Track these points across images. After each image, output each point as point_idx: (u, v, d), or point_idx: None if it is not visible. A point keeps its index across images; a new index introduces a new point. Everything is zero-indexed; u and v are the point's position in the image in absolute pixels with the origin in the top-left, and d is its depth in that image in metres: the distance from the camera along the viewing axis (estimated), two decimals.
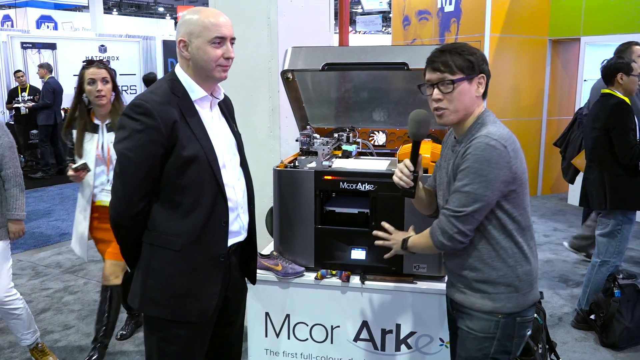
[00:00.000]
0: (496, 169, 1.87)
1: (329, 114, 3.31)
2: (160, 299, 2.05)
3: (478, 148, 1.88)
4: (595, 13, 7.05)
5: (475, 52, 1.97)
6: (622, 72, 3.63)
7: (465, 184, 1.90)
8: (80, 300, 4.54)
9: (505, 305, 2.00)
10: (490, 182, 1.88)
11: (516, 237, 1.99)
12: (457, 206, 1.92)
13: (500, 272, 2.00)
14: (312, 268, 2.76)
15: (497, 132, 1.91)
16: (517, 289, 2.00)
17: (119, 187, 1.99)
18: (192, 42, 2.00)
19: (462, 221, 1.92)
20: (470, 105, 1.98)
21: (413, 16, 8.51)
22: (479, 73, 1.96)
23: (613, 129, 3.60)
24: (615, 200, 3.70)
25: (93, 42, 12.04)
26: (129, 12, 30.75)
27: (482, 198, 1.89)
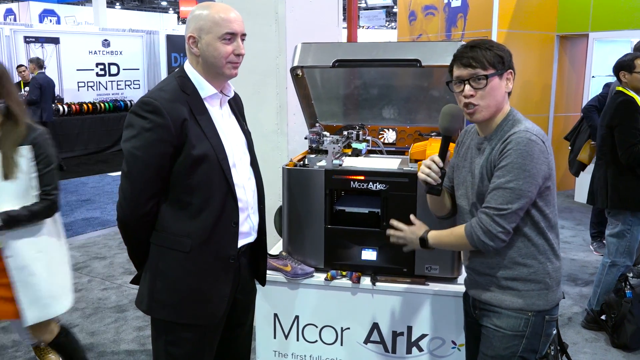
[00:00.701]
0: (538, 164, 1.85)
1: (337, 111, 3.26)
2: (169, 301, 2.01)
3: (520, 143, 1.85)
4: (603, 9, 6.97)
5: (504, 47, 1.95)
6: (625, 70, 3.60)
7: (509, 179, 1.86)
8: (85, 298, 4.50)
9: (535, 302, 1.98)
10: (534, 177, 1.85)
11: (547, 234, 1.97)
12: (501, 203, 1.87)
13: (532, 269, 1.97)
14: (322, 269, 2.71)
15: (534, 128, 1.91)
16: (547, 286, 1.98)
17: (126, 187, 1.93)
18: (202, 38, 1.94)
19: (507, 219, 1.88)
20: (501, 101, 1.95)
21: (419, 11, 8.43)
22: (508, 68, 1.94)
23: (616, 126, 3.56)
24: (616, 199, 3.65)
25: (96, 36, 11.98)
26: (132, 6, 30.67)
27: (527, 194, 1.86)
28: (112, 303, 4.40)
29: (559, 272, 2.02)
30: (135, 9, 30.71)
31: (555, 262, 2.00)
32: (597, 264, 5.19)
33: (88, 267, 5.23)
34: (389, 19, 33.65)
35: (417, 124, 3.16)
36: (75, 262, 5.35)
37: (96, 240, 6.06)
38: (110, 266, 5.23)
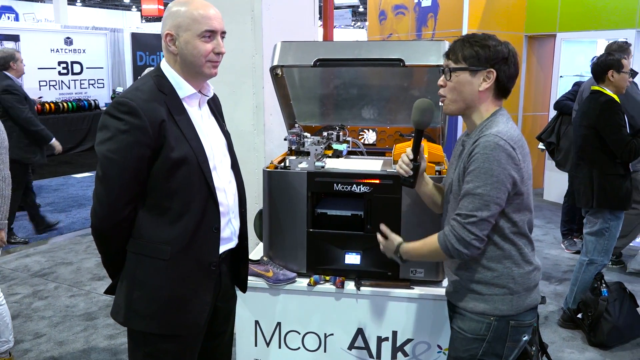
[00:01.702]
0: (506, 170, 1.81)
1: (317, 111, 3.19)
2: (148, 311, 1.90)
3: (487, 147, 1.81)
4: (570, 10, 7.07)
5: (490, 45, 1.88)
6: (613, 70, 3.60)
7: (477, 185, 1.82)
8: (51, 306, 4.32)
9: (498, 307, 1.94)
10: (502, 183, 1.82)
11: (514, 240, 1.93)
12: (471, 210, 1.84)
13: (495, 273, 1.94)
14: (304, 274, 2.64)
15: (507, 132, 1.85)
16: (511, 291, 1.94)
17: (101, 192, 1.83)
18: (180, 36, 1.85)
19: (478, 226, 1.84)
20: (470, 98, 1.91)
21: (389, 11, 8.42)
22: (486, 67, 1.88)
23: (603, 127, 3.56)
24: (602, 199, 3.67)
25: (58, 34, 11.63)
26: (93, 3, 30.00)
27: (495, 200, 1.82)
28: (81, 311, 4.24)
29: (527, 277, 1.96)
30: (96, 6, 30.07)
31: (525, 267, 1.95)
32: (569, 261, 5.26)
33: (54, 273, 5.03)
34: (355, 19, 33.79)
35: (397, 124, 3.12)
36: (40, 268, 5.15)
37: (61, 244, 5.86)
38: (78, 272, 5.05)
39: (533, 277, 1.98)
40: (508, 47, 1.91)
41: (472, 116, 1.95)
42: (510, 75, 1.92)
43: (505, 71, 1.90)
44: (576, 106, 4.97)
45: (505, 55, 1.88)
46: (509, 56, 1.89)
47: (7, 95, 5.55)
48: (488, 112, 1.94)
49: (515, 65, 1.92)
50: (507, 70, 1.90)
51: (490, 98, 1.93)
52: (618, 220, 3.70)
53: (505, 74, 1.90)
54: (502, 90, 1.94)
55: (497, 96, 1.94)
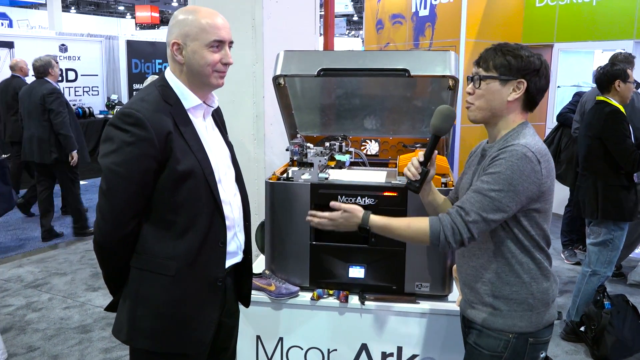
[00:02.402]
0: (526, 182, 1.76)
1: (319, 121, 3.15)
2: (152, 329, 1.84)
3: (514, 156, 1.77)
4: (568, 20, 7.07)
5: (523, 56, 1.83)
6: (620, 79, 3.58)
7: (493, 188, 1.77)
8: (45, 318, 4.24)
9: (517, 323, 1.89)
10: (517, 194, 1.77)
11: (534, 253, 1.88)
12: (478, 209, 1.78)
13: (514, 288, 1.89)
14: (307, 288, 2.59)
15: (536, 145, 1.81)
16: (530, 307, 1.89)
17: (105, 207, 1.77)
18: (187, 45, 1.80)
19: (480, 227, 1.79)
20: (499, 108, 1.88)
21: (387, 20, 8.41)
22: (517, 77, 1.84)
23: (608, 137, 3.55)
24: (607, 210, 3.64)
25: (53, 41, 11.53)
26: (88, 10, 29.95)
27: (505, 208, 1.77)
28: (76, 323, 4.16)
29: (546, 293, 1.90)
30: (91, 13, 30.01)
31: (543, 283, 1.90)
32: (569, 272, 5.22)
33: (48, 284, 4.95)
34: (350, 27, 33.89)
35: (400, 135, 3.08)
36: (34, 278, 5.06)
37: (55, 255, 5.77)
38: (72, 283, 4.97)
39: (552, 292, 1.93)
40: (540, 59, 1.87)
41: (498, 125, 1.91)
42: (540, 87, 1.88)
43: (536, 83, 1.86)
44: (577, 117, 4.95)
45: (538, 67, 1.85)
46: (541, 68, 1.86)
47: (51, 98, 5.93)
48: (515, 123, 1.90)
49: (546, 78, 1.89)
50: (538, 82, 1.86)
51: (518, 109, 1.90)
52: (622, 232, 3.67)
53: (536, 86, 1.87)
54: (530, 102, 1.90)
55: (525, 108, 1.91)
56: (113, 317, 1.96)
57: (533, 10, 7.46)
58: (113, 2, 28.51)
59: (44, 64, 6.13)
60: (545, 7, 7.31)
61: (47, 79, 6.10)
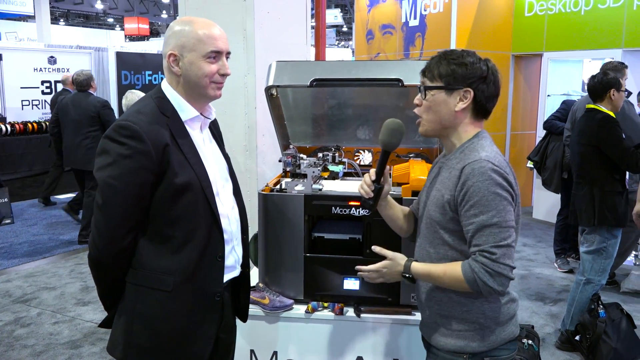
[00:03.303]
0: (506, 192, 1.72)
1: (311, 132, 3.13)
2: (149, 346, 1.80)
3: (484, 174, 1.70)
4: (557, 29, 7.13)
5: (468, 63, 1.76)
6: (614, 88, 3.61)
7: (492, 215, 1.69)
8: (34, 334, 4.16)
9: (469, 344, 1.82)
10: (509, 204, 1.72)
11: None
12: (497, 242, 1.69)
13: (465, 308, 1.82)
14: (302, 300, 2.55)
15: (496, 157, 1.75)
16: (481, 326, 1.81)
17: (101, 221, 1.73)
18: (184, 57, 1.78)
19: (509, 254, 1.71)
20: (447, 119, 1.79)
21: (377, 30, 8.44)
22: (463, 86, 1.76)
23: (604, 143, 3.56)
24: (604, 216, 3.64)
25: (42, 53, 11.48)
26: (77, 22, 29.91)
27: (510, 223, 1.71)
28: (65, 338, 4.08)
29: (499, 311, 1.81)
30: (80, 25, 29.97)
31: (495, 300, 1.81)
32: (562, 281, 5.21)
33: (37, 298, 4.87)
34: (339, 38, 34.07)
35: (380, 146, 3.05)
36: (22, 293, 4.98)
37: (44, 268, 5.69)
38: (61, 297, 4.89)
39: (506, 310, 1.83)
40: (487, 65, 1.79)
41: (451, 137, 1.84)
42: (489, 94, 1.79)
43: (484, 90, 1.77)
44: (568, 125, 4.97)
45: (484, 74, 1.76)
46: (488, 74, 1.77)
47: (107, 110, 6.39)
48: (467, 134, 1.82)
49: (495, 84, 1.80)
50: (485, 89, 1.77)
51: (469, 119, 1.81)
52: (615, 239, 3.67)
53: (484, 94, 1.78)
54: (481, 111, 1.81)
55: (476, 117, 1.82)
56: (103, 332, 1.92)
57: (522, 20, 7.52)
58: (102, 14, 28.50)
59: (86, 78, 6.48)
60: (534, 17, 7.37)
61: (90, 92, 6.49)
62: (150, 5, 29.13)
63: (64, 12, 28.17)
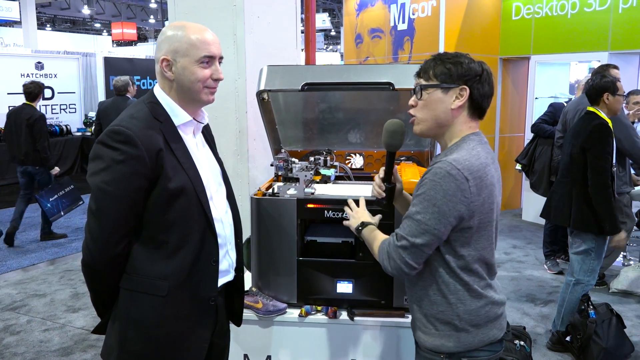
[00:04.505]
0: (451, 202, 1.68)
1: (302, 135, 3.13)
2: (143, 352, 1.79)
3: (437, 174, 1.70)
4: (544, 33, 7.20)
5: (463, 62, 1.78)
6: (609, 92, 3.61)
7: (418, 211, 1.72)
8: (24, 342, 4.13)
9: (444, 344, 1.82)
10: (444, 215, 1.69)
11: (460, 275, 1.79)
12: (407, 234, 1.74)
13: (440, 308, 1.82)
14: (295, 304, 2.55)
15: (467, 161, 1.72)
16: (456, 328, 1.81)
17: (94, 227, 1.72)
18: (177, 62, 1.78)
19: (410, 253, 1.74)
20: (443, 117, 1.81)
21: (366, 34, 8.47)
22: (459, 84, 1.78)
23: (590, 149, 3.57)
24: (579, 221, 3.67)
25: (29, 58, 11.42)
26: (64, 27, 29.74)
27: (433, 231, 1.71)
28: (56, 345, 4.05)
29: (475, 314, 1.81)
30: (67, 30, 29.80)
31: (472, 304, 1.80)
32: (553, 282, 5.25)
33: (26, 306, 4.83)
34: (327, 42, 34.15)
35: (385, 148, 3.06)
36: (12, 300, 4.94)
37: (34, 275, 5.64)
38: (51, 304, 4.86)
39: (484, 313, 1.82)
40: (482, 66, 1.81)
41: (445, 137, 1.85)
42: (484, 93, 1.81)
43: (479, 89, 1.79)
44: (559, 126, 5.01)
45: (479, 73, 1.79)
46: (483, 74, 1.80)
47: None
48: (461, 133, 1.82)
49: (489, 84, 1.81)
50: (480, 88, 1.79)
51: (464, 117, 1.82)
52: (604, 241, 3.69)
53: (479, 92, 1.80)
54: (477, 110, 1.82)
55: (472, 116, 1.83)
56: (95, 339, 1.92)
57: (510, 24, 7.59)
58: (89, 19, 28.36)
59: (124, 84, 6.93)
60: (521, 20, 7.44)
61: (127, 95, 6.89)
62: (138, 10, 29.03)
63: (50, 18, 27.98)
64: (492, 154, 1.87)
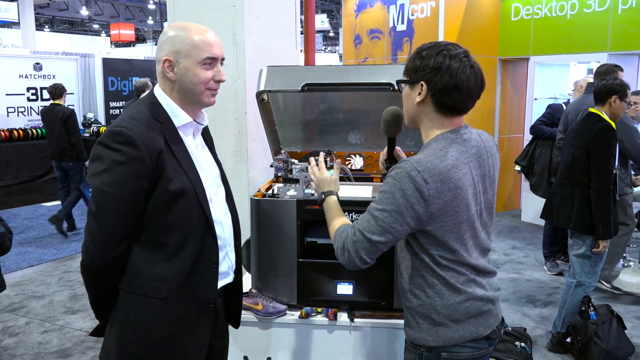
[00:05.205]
0: (409, 203, 1.65)
1: (302, 136, 3.12)
2: (143, 354, 1.78)
3: (398, 174, 1.67)
4: (543, 33, 7.20)
5: (424, 56, 1.72)
6: (617, 96, 3.58)
7: (377, 208, 1.70)
8: (23, 344, 4.11)
9: (424, 337, 1.80)
10: (401, 215, 1.66)
11: (437, 271, 1.76)
12: (363, 228, 1.72)
13: (419, 301, 1.80)
14: (295, 306, 2.54)
15: (429, 163, 1.66)
16: (434, 322, 1.78)
17: (94, 229, 1.70)
18: (179, 62, 1.77)
19: (367, 249, 1.72)
20: (412, 112, 1.80)
21: (364, 35, 8.47)
22: (418, 79, 1.72)
23: (596, 152, 3.54)
24: (579, 223, 3.65)
25: (28, 59, 11.41)
26: (62, 28, 29.73)
27: (390, 229, 1.68)
28: (54, 347, 4.04)
29: (454, 309, 1.77)
30: (65, 31, 29.80)
31: (450, 298, 1.76)
32: (552, 283, 5.25)
33: (25, 307, 4.81)
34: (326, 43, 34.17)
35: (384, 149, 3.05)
36: (10, 302, 4.92)
37: (32, 277, 5.63)
38: (50, 305, 4.84)
39: (464, 308, 1.78)
40: (450, 54, 1.70)
41: (421, 133, 1.82)
42: (442, 86, 1.69)
43: (436, 82, 1.69)
44: (561, 127, 5.00)
45: (438, 65, 1.69)
46: (443, 65, 1.68)
47: None
48: (433, 131, 1.77)
49: (451, 76, 1.68)
50: (438, 81, 1.69)
51: (431, 114, 1.76)
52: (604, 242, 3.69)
53: (436, 86, 1.70)
54: (443, 105, 1.73)
55: (440, 112, 1.75)
56: (93, 341, 1.90)
57: (509, 24, 7.59)
58: (87, 20, 28.35)
59: (142, 85, 7.25)
60: (520, 21, 7.44)
61: None
62: (137, 11, 29.03)
63: (49, 19, 27.98)
64: (474, 152, 1.78)
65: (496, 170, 1.91)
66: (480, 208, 1.80)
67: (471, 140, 1.80)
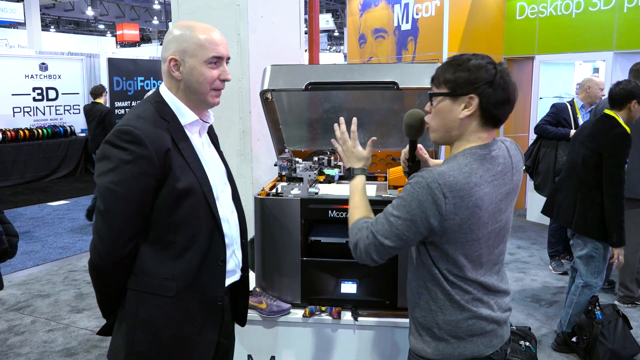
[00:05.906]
0: (424, 214, 1.62)
1: (306, 135, 3.12)
2: (151, 353, 1.78)
3: (418, 183, 1.63)
4: (548, 32, 7.17)
5: (472, 68, 1.66)
6: (636, 100, 3.53)
7: (393, 213, 1.68)
8: (29, 342, 4.13)
9: (424, 349, 1.78)
10: (415, 224, 1.64)
11: (443, 284, 1.73)
12: (377, 230, 1.70)
13: (423, 313, 1.78)
14: (299, 304, 2.55)
15: (451, 176, 1.62)
16: (435, 336, 1.76)
17: (103, 228, 1.70)
18: (185, 62, 1.77)
19: (378, 251, 1.71)
20: (452, 126, 1.71)
21: (369, 34, 8.46)
22: (468, 92, 1.66)
23: (609, 157, 3.50)
24: (581, 224, 3.63)
25: (33, 59, 11.45)
26: (68, 29, 29.83)
27: (402, 236, 1.66)
28: (60, 346, 4.05)
29: (456, 326, 1.73)
30: (71, 32, 29.90)
31: (452, 315, 1.73)
32: (557, 283, 5.23)
33: (30, 306, 4.83)
34: (331, 43, 34.15)
35: (388, 148, 3.06)
36: (16, 301, 4.94)
37: (38, 276, 5.65)
38: (55, 304, 4.86)
39: (467, 326, 1.74)
40: (496, 69, 1.67)
41: (455, 145, 1.75)
42: (496, 100, 1.66)
43: (490, 96, 1.65)
44: (574, 125, 4.96)
45: (490, 79, 1.65)
46: (495, 79, 1.65)
47: None
48: (467, 144, 1.72)
49: (504, 90, 1.66)
50: (492, 94, 1.65)
51: (475, 127, 1.71)
52: (606, 243, 3.66)
53: (490, 100, 1.66)
54: (490, 118, 1.69)
55: (484, 125, 1.71)
56: (98, 340, 1.90)
57: (514, 23, 7.56)
58: (93, 20, 28.44)
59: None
60: (525, 20, 7.41)
61: None
62: (142, 11, 29.09)
63: (54, 19, 28.08)
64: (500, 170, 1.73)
65: (519, 185, 1.85)
66: (498, 226, 1.75)
67: (499, 157, 1.75)
